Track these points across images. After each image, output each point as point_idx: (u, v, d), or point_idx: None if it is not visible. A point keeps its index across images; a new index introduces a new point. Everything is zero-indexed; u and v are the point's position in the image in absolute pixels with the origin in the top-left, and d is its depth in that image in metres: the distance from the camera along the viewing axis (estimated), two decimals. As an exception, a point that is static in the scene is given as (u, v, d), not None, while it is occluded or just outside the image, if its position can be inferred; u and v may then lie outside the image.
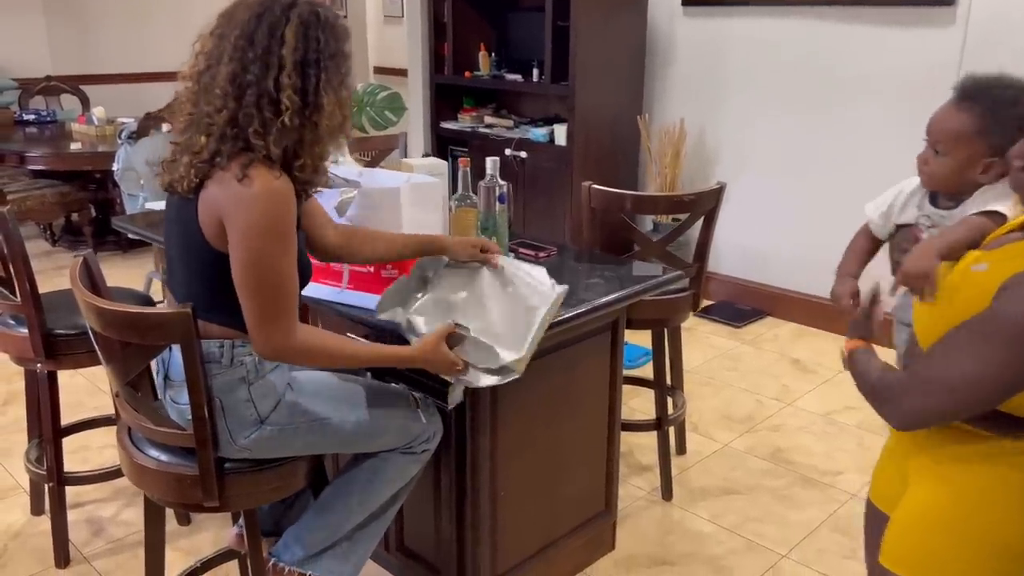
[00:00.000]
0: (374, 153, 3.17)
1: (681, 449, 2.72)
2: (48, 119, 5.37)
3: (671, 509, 2.43)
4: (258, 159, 1.37)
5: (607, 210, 2.25)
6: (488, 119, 4.47)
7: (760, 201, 3.86)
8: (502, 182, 1.81)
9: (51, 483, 2.13)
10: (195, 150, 1.39)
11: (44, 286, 2.05)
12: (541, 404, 1.88)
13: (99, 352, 1.43)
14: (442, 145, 4.64)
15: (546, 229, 3.95)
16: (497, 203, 1.81)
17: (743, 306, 3.97)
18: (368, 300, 1.69)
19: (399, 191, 1.67)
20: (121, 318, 1.32)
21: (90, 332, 1.42)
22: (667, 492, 2.47)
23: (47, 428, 2.08)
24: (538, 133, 4.07)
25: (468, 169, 1.97)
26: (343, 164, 2.12)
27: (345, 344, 1.49)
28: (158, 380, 1.52)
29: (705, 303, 4.01)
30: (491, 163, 1.80)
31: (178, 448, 1.47)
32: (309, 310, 1.90)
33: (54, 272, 4.54)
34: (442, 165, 1.97)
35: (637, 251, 2.26)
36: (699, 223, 2.32)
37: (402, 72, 4.88)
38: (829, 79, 3.56)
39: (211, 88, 1.38)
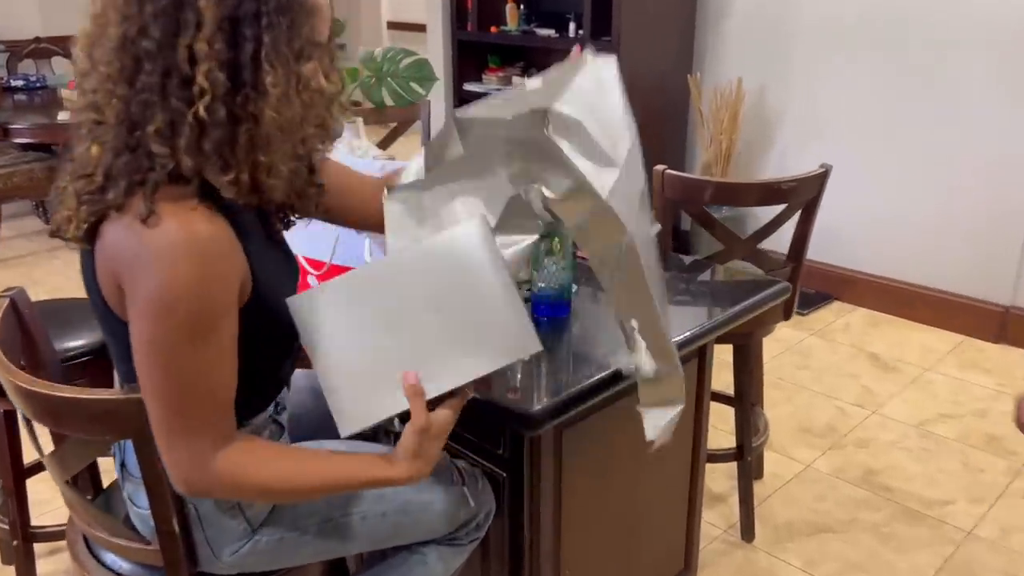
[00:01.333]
0: (393, 126, 2.74)
1: (758, 473, 2.33)
2: (38, 85, 4.94)
3: (755, 554, 2.05)
4: (163, 181, 0.91)
5: (682, 200, 1.82)
6: (516, 80, 4.01)
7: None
8: (566, 177, 1.39)
9: (16, 540, 1.77)
10: (85, 171, 0.94)
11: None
12: (614, 455, 1.49)
13: (30, 439, 1.04)
14: (466, 109, 4.19)
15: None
16: (560, 205, 1.39)
17: (806, 289, 3.54)
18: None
19: (435, 196, 1.25)
20: (53, 404, 0.93)
21: (19, 415, 1.03)
22: (748, 532, 2.09)
23: (6, 477, 1.71)
24: (575, 96, 3.61)
25: (517, 157, 1.55)
26: (358, 151, 1.70)
27: (300, 470, 1.00)
28: (116, 465, 1.13)
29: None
30: (551, 152, 1.37)
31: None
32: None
33: (47, 254, 4.16)
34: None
35: (722, 250, 1.84)
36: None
37: (420, 27, 4.43)
38: (914, 31, 3.07)
39: (98, 64, 0.93)
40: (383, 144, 2.78)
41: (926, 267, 3.24)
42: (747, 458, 2.03)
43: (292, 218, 1.11)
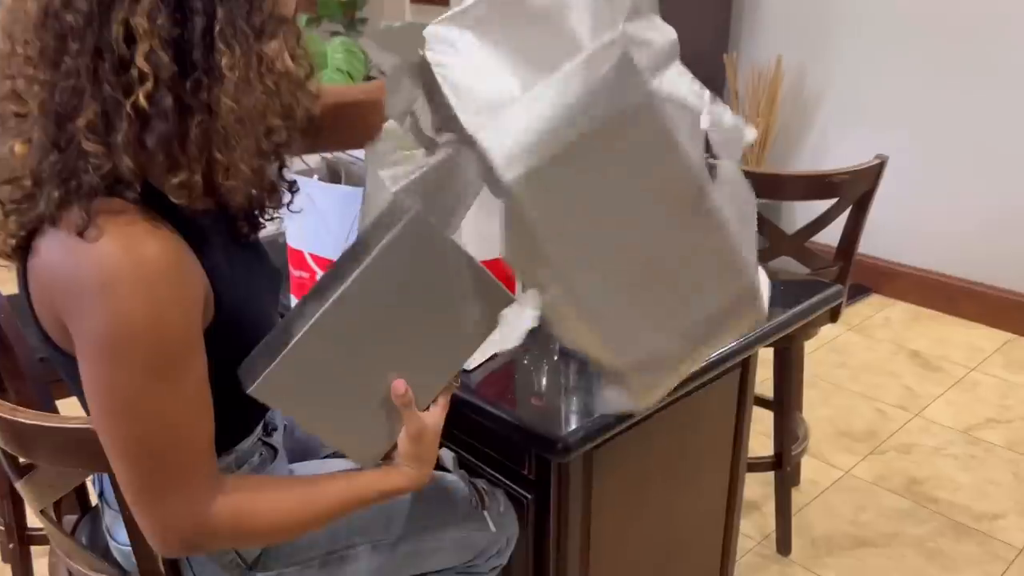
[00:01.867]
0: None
1: (794, 480, 2.20)
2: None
3: (791, 569, 1.93)
4: (99, 185, 0.76)
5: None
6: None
7: (868, 157, 3.23)
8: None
9: (12, 543, 1.68)
10: (12, 174, 0.79)
11: None
12: (648, 472, 1.37)
13: (4, 464, 0.94)
14: (490, 87, 4.05)
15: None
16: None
17: (843, 281, 3.39)
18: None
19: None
20: (16, 430, 0.83)
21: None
22: (785, 545, 1.97)
23: (1, 480, 1.62)
24: (604, 75, 3.46)
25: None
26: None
27: (304, 500, 0.89)
28: (95, 491, 1.02)
29: (798, 277, 3.44)
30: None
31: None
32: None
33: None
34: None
35: (766, 248, 1.70)
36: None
37: (443, 0, 4.28)
38: (970, 12, 2.88)
39: (17, 44, 0.76)
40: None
41: (972, 260, 3.08)
42: (786, 468, 1.90)
43: (262, 220, 0.98)
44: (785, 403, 1.86)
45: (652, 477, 1.37)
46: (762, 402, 2.05)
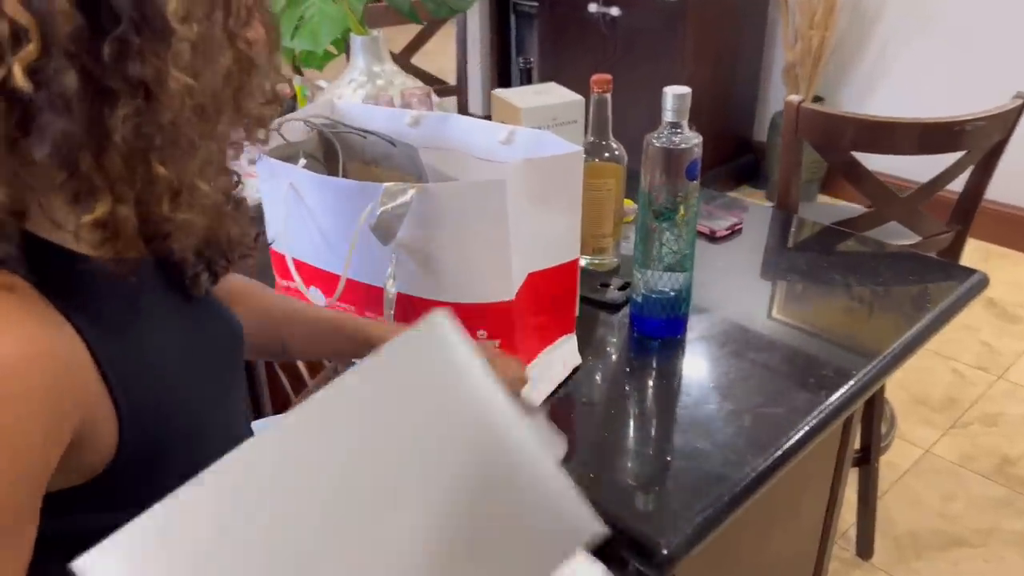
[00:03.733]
0: (417, 30, 2.21)
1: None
2: None
3: (875, 577, 1.67)
4: None
5: (823, 145, 1.34)
6: None
7: (934, 75, 2.85)
8: (693, 136, 0.91)
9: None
10: None
11: None
12: (743, 527, 1.08)
13: None
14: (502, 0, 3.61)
15: (652, 123, 2.99)
16: (686, 178, 0.92)
17: (901, 215, 3.05)
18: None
19: (503, 183, 0.77)
20: None
21: None
22: (866, 548, 1.70)
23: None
24: (635, -17, 3.03)
25: (608, 96, 1.07)
26: (380, 80, 1.22)
27: None
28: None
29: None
30: (673, 97, 0.89)
31: None
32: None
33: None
34: (576, 103, 1.05)
35: (871, 211, 1.36)
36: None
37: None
38: None
39: None
40: (404, 55, 2.27)
41: (1053, 192, 2.73)
42: (874, 463, 1.62)
43: (218, 266, 0.64)
44: (877, 391, 1.56)
45: (748, 524, 1.08)
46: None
